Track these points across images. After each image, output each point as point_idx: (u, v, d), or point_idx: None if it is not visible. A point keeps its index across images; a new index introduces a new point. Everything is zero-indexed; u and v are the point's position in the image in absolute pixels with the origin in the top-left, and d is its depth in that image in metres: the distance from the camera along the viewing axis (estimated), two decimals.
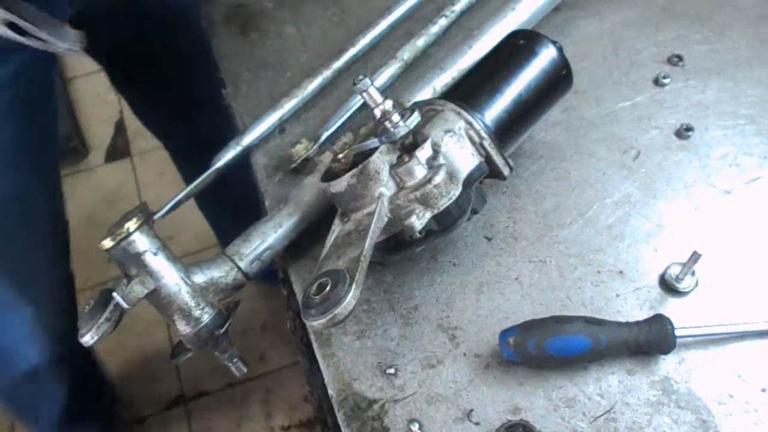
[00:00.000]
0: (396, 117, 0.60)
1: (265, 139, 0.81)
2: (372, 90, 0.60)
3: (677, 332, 0.63)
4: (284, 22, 0.94)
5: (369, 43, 0.86)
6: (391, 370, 0.66)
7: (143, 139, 2.22)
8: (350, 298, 0.55)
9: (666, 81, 0.82)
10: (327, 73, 0.83)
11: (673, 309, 0.67)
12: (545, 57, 0.69)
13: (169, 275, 0.62)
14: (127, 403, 1.80)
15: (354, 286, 0.56)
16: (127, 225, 0.61)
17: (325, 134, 0.77)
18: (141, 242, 0.61)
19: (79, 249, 1.25)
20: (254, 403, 1.79)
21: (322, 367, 0.67)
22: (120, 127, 2.26)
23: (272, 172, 0.79)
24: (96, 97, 2.31)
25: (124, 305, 0.60)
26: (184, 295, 0.63)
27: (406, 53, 0.83)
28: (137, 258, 0.61)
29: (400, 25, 0.90)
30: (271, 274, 1.03)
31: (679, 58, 0.84)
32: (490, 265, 0.72)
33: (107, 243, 0.61)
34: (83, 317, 0.63)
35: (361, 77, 0.59)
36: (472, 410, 0.64)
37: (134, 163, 2.20)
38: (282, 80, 0.86)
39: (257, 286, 1.81)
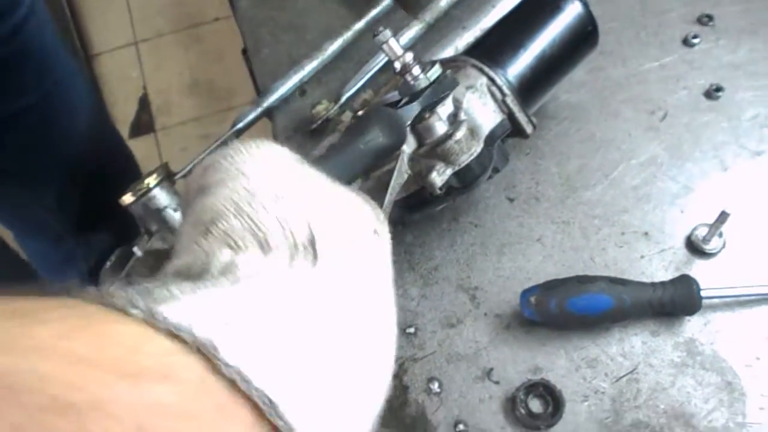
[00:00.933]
0: (416, 70, 0.59)
1: (285, 100, 0.80)
2: (392, 42, 0.59)
3: (703, 293, 0.62)
4: None
5: (390, 3, 0.85)
6: (411, 330, 0.66)
7: (167, 115, 2.23)
8: None
9: (695, 41, 0.80)
10: (348, 35, 0.82)
11: (699, 270, 0.66)
12: (571, 12, 0.67)
13: None
14: None
15: None
16: (147, 180, 0.61)
17: (346, 95, 0.76)
18: (161, 198, 0.61)
19: None
20: None
21: None
22: (144, 103, 2.27)
23: (292, 134, 0.79)
24: (120, 73, 2.32)
25: None
26: None
27: (428, 14, 0.82)
28: (157, 214, 0.61)
29: None
30: None
31: (710, 17, 0.81)
32: (512, 226, 0.71)
33: (128, 198, 0.61)
34: (104, 273, 0.63)
35: (381, 29, 0.58)
36: (492, 369, 0.63)
37: (158, 138, 2.21)
38: (302, 42, 0.86)
39: None
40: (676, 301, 0.62)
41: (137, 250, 0.60)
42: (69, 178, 1.09)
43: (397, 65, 0.59)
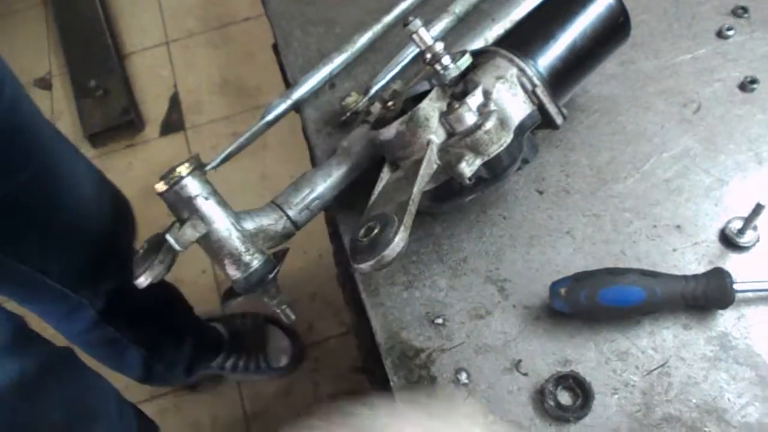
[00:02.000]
0: (446, 59, 0.59)
1: (315, 93, 0.81)
2: (422, 31, 0.59)
3: (737, 287, 0.61)
4: None
5: None
6: (439, 320, 0.66)
7: (197, 114, 2.25)
8: (398, 240, 0.55)
9: (730, 33, 0.79)
10: (377, 28, 0.82)
11: (732, 264, 0.65)
12: (602, 2, 0.67)
13: (219, 220, 0.63)
14: None
15: (402, 228, 0.55)
16: (179, 169, 0.62)
17: (375, 87, 0.76)
18: (192, 186, 0.62)
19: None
20: (302, 372, 1.81)
21: (371, 316, 0.67)
22: (174, 101, 2.30)
23: (322, 126, 0.79)
24: (151, 72, 2.36)
25: (177, 247, 0.61)
26: (235, 240, 0.63)
27: (458, 7, 0.82)
28: (189, 202, 0.62)
29: None
30: None
31: (744, 9, 0.80)
32: (542, 218, 0.70)
33: (160, 186, 0.62)
34: (137, 261, 0.64)
35: (411, 18, 0.58)
36: (520, 361, 0.63)
37: (188, 136, 2.24)
38: (332, 36, 0.86)
39: (306, 258, 1.83)
40: (708, 295, 0.61)
41: (169, 237, 0.61)
42: (70, 246, 1.08)
43: (427, 55, 0.59)
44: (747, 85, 0.75)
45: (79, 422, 1.06)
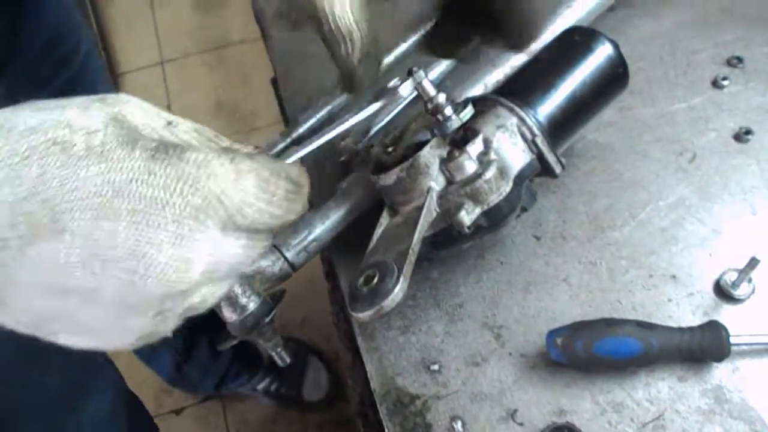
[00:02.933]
0: (449, 110, 0.59)
1: (314, 131, 0.81)
2: (426, 82, 0.59)
3: (732, 340, 0.61)
4: None
5: (419, 39, 0.85)
6: (435, 367, 0.66)
7: None
8: (398, 291, 0.55)
9: (725, 83, 0.80)
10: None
11: (727, 316, 0.65)
12: (601, 54, 0.68)
13: None
14: (166, 393, 1.83)
15: (402, 278, 0.55)
16: None
17: (375, 128, 0.77)
18: None
19: None
20: None
21: (366, 360, 0.67)
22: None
23: (322, 162, 0.79)
24: (145, 92, 2.36)
25: None
26: None
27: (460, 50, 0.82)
28: None
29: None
30: None
31: (739, 59, 0.82)
32: (539, 264, 0.71)
33: None
34: None
35: (415, 69, 0.59)
36: (516, 410, 0.63)
37: None
38: (333, 74, 0.86)
39: (296, 282, 1.82)
40: (704, 347, 0.61)
41: None
42: None
43: (429, 105, 0.60)
44: (742, 136, 0.76)
45: (72, 390, 1.04)
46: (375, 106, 0.62)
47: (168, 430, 1.80)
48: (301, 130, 0.79)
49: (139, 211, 0.39)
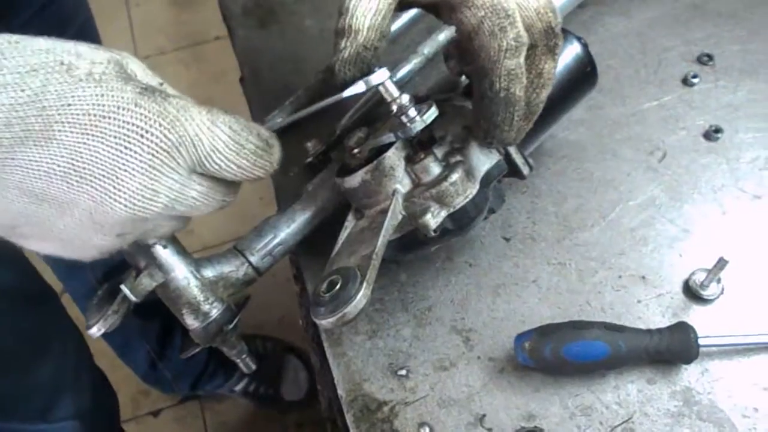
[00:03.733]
0: (412, 112, 0.58)
1: (280, 133, 0.79)
2: (388, 83, 0.58)
3: (701, 341, 0.61)
4: (303, 15, 0.93)
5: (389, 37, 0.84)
6: (403, 372, 0.65)
7: None
8: (360, 297, 0.53)
9: (695, 81, 0.79)
10: None
11: (696, 317, 0.65)
12: (569, 53, 0.67)
13: (178, 268, 0.61)
14: (143, 395, 1.81)
15: (365, 285, 0.54)
16: None
17: (339, 130, 0.75)
18: None
19: None
20: None
21: (332, 366, 0.66)
22: None
23: (286, 167, 0.78)
24: None
25: (132, 298, 0.59)
26: (193, 289, 0.62)
27: (427, 48, 0.81)
28: (146, 250, 0.60)
29: (421, 20, 0.88)
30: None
31: (710, 57, 0.81)
32: (508, 266, 0.70)
33: None
34: (90, 309, 0.62)
35: (377, 67, 0.57)
36: (484, 415, 0.62)
37: None
38: (300, 73, 0.85)
39: (273, 280, 1.80)
40: (673, 349, 0.61)
41: (124, 287, 0.59)
42: None
43: (393, 107, 0.58)
44: (711, 134, 0.75)
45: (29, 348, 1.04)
46: (336, 98, 0.60)
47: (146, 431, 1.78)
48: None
49: (121, 137, 0.44)
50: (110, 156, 0.44)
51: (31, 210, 0.45)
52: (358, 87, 0.57)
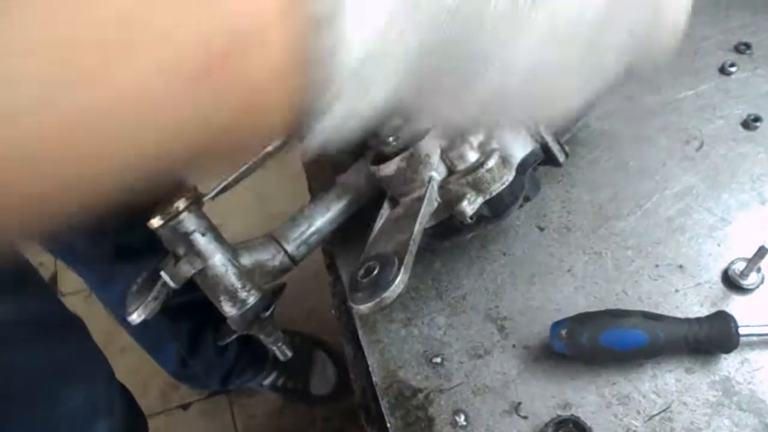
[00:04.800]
0: None
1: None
2: None
3: (740, 330, 0.60)
4: None
5: None
6: (437, 359, 0.65)
7: None
8: (398, 282, 0.54)
9: (732, 69, 0.78)
10: None
11: (736, 306, 0.64)
12: None
13: (216, 256, 0.62)
14: (172, 388, 1.83)
15: (402, 270, 0.54)
16: (176, 204, 0.61)
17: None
18: (189, 222, 0.61)
19: None
20: None
21: (367, 353, 0.66)
22: None
23: (320, 157, 0.78)
24: None
25: (172, 284, 0.60)
26: (231, 277, 0.62)
27: None
28: (185, 238, 0.61)
29: None
30: None
31: (747, 46, 0.80)
32: (542, 255, 0.69)
33: (156, 222, 0.61)
34: (131, 296, 0.63)
35: None
36: (520, 403, 0.62)
37: None
38: None
39: (301, 275, 1.81)
40: (712, 339, 0.60)
41: (164, 274, 0.60)
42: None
43: None
44: (750, 123, 0.74)
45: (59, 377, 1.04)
46: None
47: (175, 425, 1.80)
48: None
49: None
50: None
51: None
52: None
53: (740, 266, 0.65)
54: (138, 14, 0.26)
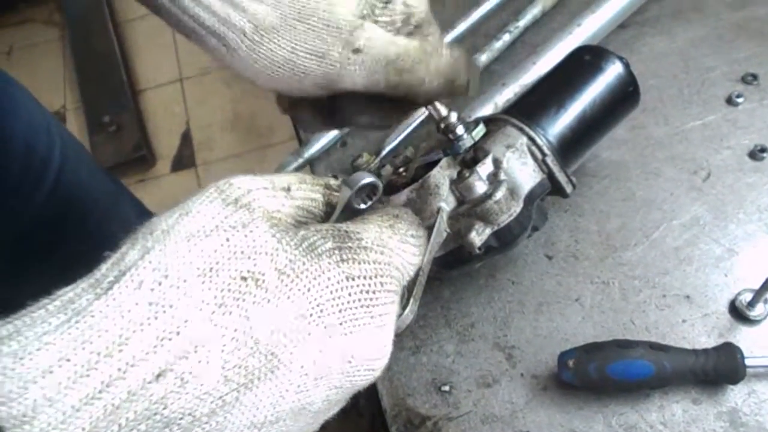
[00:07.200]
0: (460, 129, 0.60)
1: (326, 152, 0.82)
2: (437, 103, 0.59)
3: (747, 362, 0.60)
4: None
5: None
6: (446, 388, 0.65)
7: (208, 150, 2.28)
8: (407, 313, 0.54)
9: (739, 100, 0.79)
10: None
11: (743, 337, 0.64)
12: (611, 73, 0.68)
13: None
14: None
15: (412, 300, 0.55)
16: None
17: (387, 148, 0.77)
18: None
19: None
20: None
21: (377, 381, 0.67)
22: (186, 138, 2.32)
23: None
24: (164, 109, 2.39)
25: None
26: None
27: None
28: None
29: (464, 41, 0.89)
30: None
31: (754, 77, 0.81)
32: (550, 284, 0.70)
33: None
34: None
35: None
36: None
37: (198, 173, 2.26)
38: None
39: None
40: (719, 370, 0.60)
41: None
42: None
43: (441, 125, 0.60)
44: (757, 154, 0.75)
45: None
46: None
47: None
48: (313, 150, 0.80)
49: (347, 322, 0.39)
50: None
51: None
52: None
53: (747, 297, 0.65)
54: None
